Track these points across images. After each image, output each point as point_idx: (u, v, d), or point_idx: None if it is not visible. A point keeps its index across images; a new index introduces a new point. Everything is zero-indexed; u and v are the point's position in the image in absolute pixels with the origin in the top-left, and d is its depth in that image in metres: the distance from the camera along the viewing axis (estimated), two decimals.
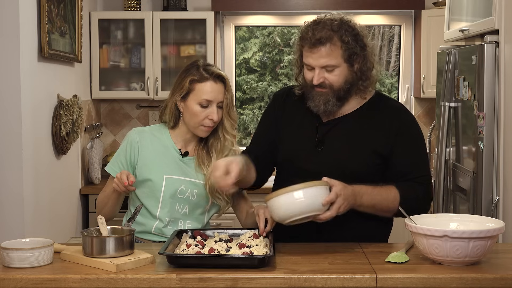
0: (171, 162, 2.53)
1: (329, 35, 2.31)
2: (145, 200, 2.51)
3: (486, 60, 3.13)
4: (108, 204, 2.54)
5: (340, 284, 1.93)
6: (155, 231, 2.50)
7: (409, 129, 2.41)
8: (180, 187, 2.50)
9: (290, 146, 2.47)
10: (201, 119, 2.48)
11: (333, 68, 2.33)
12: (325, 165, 2.37)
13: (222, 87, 2.50)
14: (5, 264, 2.03)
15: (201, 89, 2.47)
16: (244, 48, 6.32)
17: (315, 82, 2.35)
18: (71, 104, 3.91)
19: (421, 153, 2.43)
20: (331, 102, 2.37)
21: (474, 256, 1.99)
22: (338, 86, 2.35)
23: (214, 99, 2.47)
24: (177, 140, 2.57)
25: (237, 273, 1.95)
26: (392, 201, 2.31)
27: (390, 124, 2.39)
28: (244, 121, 6.39)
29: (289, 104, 2.52)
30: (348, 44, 2.32)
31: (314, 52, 2.33)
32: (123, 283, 1.93)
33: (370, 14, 5.11)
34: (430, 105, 5.06)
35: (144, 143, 2.54)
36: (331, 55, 2.32)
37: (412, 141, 2.41)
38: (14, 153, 3.33)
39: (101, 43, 4.85)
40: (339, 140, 2.40)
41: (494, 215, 3.13)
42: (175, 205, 2.50)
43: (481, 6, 3.38)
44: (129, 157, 2.53)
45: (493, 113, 3.14)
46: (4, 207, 3.34)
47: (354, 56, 2.34)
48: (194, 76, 2.49)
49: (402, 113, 2.44)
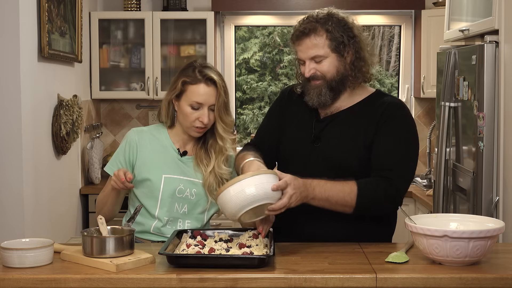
0: (170, 162, 2.54)
1: (313, 26, 2.35)
2: (144, 199, 2.51)
3: (486, 60, 3.13)
4: (108, 204, 2.54)
5: (340, 284, 1.93)
6: (153, 230, 2.50)
7: (395, 123, 2.34)
8: (179, 187, 2.50)
9: (289, 143, 2.49)
10: (192, 120, 2.49)
11: (321, 58, 2.35)
12: (321, 161, 2.38)
13: (214, 90, 2.49)
14: (5, 264, 2.03)
15: (192, 91, 2.48)
16: (244, 48, 6.32)
17: (306, 74, 2.38)
18: (71, 104, 3.91)
19: (399, 150, 2.32)
20: (323, 92, 2.37)
21: (474, 256, 1.99)
22: (330, 77, 2.37)
23: (205, 102, 2.48)
24: (175, 140, 2.58)
25: (237, 273, 1.95)
26: (348, 193, 2.24)
27: (379, 117, 2.36)
28: (244, 121, 6.39)
29: (293, 102, 2.54)
30: (333, 33, 2.33)
31: (300, 45, 2.37)
32: (123, 283, 1.93)
33: (370, 14, 5.11)
34: (430, 105, 5.06)
35: (143, 143, 2.55)
36: (317, 45, 2.34)
37: (393, 135, 2.33)
38: (14, 153, 3.33)
39: (101, 43, 4.85)
40: (335, 136, 2.41)
41: (494, 215, 3.13)
42: (174, 204, 2.50)
43: (481, 6, 3.38)
44: (128, 157, 2.54)
45: (493, 113, 3.14)
46: (4, 207, 3.34)
47: (342, 46, 2.35)
48: (187, 78, 2.49)
49: (394, 107, 2.38)
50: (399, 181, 2.30)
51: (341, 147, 2.38)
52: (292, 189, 2.14)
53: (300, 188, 2.17)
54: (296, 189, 2.15)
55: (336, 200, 2.25)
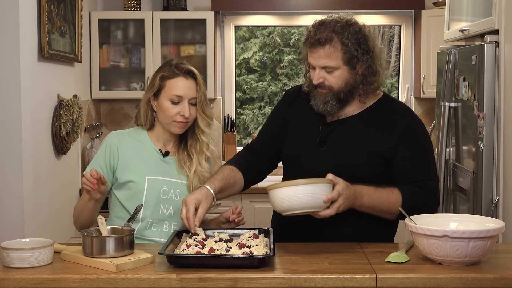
0: (152, 163, 2.50)
1: (329, 37, 2.31)
2: (128, 202, 2.46)
3: (486, 60, 3.13)
4: (84, 213, 2.45)
5: (340, 284, 1.93)
6: (137, 233, 2.41)
7: (413, 133, 2.39)
8: (163, 188, 2.47)
9: (294, 144, 2.49)
10: (173, 115, 2.45)
11: (333, 69, 2.34)
12: (326, 165, 2.37)
13: (194, 83, 2.49)
14: (5, 264, 2.02)
15: (171, 85, 2.46)
16: (244, 48, 6.32)
17: (314, 82, 2.37)
18: (71, 104, 3.91)
19: (424, 157, 2.40)
20: (330, 103, 2.37)
21: (474, 256, 1.99)
22: (337, 88, 2.36)
23: (185, 95, 2.46)
24: (156, 141, 2.54)
25: (237, 273, 1.95)
26: (394, 203, 2.30)
27: (394, 127, 2.37)
28: (244, 121, 6.39)
29: (298, 103, 2.53)
30: (348, 47, 2.31)
31: (314, 52, 2.34)
32: (123, 283, 1.93)
33: (370, 14, 5.11)
34: (430, 105, 5.06)
35: (123, 145, 2.50)
36: (330, 56, 2.32)
37: (415, 145, 2.38)
38: (14, 153, 3.33)
39: (101, 43, 4.85)
40: (341, 141, 2.40)
41: (494, 215, 3.13)
42: (159, 206, 2.46)
43: (481, 6, 3.38)
44: (108, 161, 2.48)
45: (493, 113, 3.14)
46: (4, 207, 3.34)
47: (356, 59, 2.33)
48: (164, 73, 2.49)
49: (407, 116, 2.43)
50: (435, 186, 2.40)
51: (348, 153, 2.38)
52: (342, 199, 2.17)
53: (350, 197, 2.20)
54: (345, 199, 2.18)
55: (381, 209, 2.31)
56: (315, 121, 2.45)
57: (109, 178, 2.47)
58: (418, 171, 2.37)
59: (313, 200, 2.13)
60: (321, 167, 2.34)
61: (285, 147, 2.51)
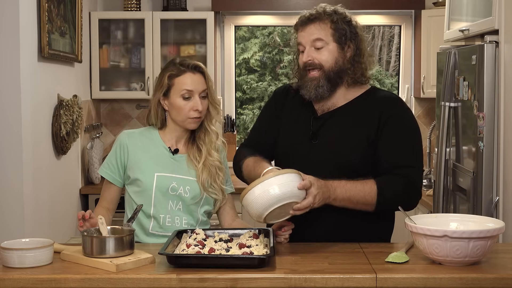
0: (162, 160, 2.55)
1: (319, 15, 2.41)
2: (138, 199, 2.52)
3: (486, 60, 3.13)
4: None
5: (340, 284, 1.93)
6: (152, 229, 2.51)
7: (399, 119, 2.39)
8: (172, 184, 2.51)
9: (286, 140, 2.50)
10: (187, 112, 2.51)
11: (322, 44, 2.38)
12: (320, 158, 2.39)
13: (201, 77, 2.54)
14: (5, 264, 2.03)
15: (180, 82, 2.51)
16: (244, 48, 6.33)
17: (304, 59, 2.40)
18: (71, 104, 3.91)
19: (407, 144, 2.38)
20: (321, 83, 2.39)
21: (474, 256, 1.99)
22: (328, 67, 2.39)
23: (195, 89, 2.51)
24: (166, 139, 2.60)
25: (237, 273, 1.95)
26: (368, 193, 2.28)
27: (381, 113, 2.39)
28: (244, 121, 6.39)
29: (288, 100, 2.55)
30: (337, 24, 2.39)
31: (304, 30, 2.42)
32: (123, 283, 1.93)
33: (370, 14, 5.12)
34: (430, 105, 5.06)
35: (134, 143, 2.57)
36: (320, 30, 2.40)
37: (399, 132, 2.38)
38: (14, 153, 3.33)
39: (101, 43, 4.85)
40: (333, 133, 2.42)
41: (494, 215, 3.13)
42: (168, 202, 2.51)
43: (481, 6, 3.38)
44: (119, 159, 2.56)
45: (493, 113, 3.14)
46: (4, 207, 3.34)
47: (344, 38, 2.39)
48: (171, 71, 2.53)
49: (393, 103, 2.43)
50: (413, 174, 2.36)
51: (341, 144, 2.39)
52: (316, 189, 2.16)
53: (323, 188, 2.20)
54: (319, 189, 2.18)
55: (357, 200, 2.29)
56: (306, 116, 2.48)
57: (120, 176, 2.57)
58: (398, 157, 2.35)
59: (286, 188, 2.10)
60: (314, 161, 2.36)
61: (278, 145, 2.53)
